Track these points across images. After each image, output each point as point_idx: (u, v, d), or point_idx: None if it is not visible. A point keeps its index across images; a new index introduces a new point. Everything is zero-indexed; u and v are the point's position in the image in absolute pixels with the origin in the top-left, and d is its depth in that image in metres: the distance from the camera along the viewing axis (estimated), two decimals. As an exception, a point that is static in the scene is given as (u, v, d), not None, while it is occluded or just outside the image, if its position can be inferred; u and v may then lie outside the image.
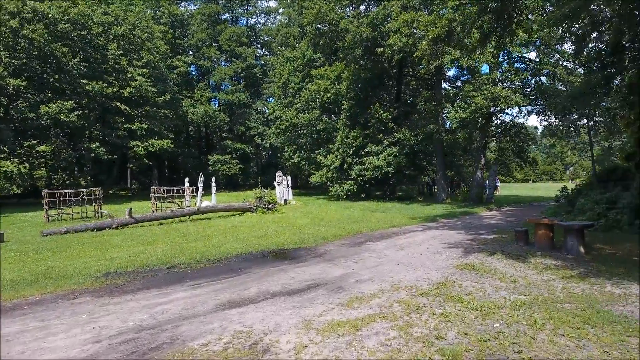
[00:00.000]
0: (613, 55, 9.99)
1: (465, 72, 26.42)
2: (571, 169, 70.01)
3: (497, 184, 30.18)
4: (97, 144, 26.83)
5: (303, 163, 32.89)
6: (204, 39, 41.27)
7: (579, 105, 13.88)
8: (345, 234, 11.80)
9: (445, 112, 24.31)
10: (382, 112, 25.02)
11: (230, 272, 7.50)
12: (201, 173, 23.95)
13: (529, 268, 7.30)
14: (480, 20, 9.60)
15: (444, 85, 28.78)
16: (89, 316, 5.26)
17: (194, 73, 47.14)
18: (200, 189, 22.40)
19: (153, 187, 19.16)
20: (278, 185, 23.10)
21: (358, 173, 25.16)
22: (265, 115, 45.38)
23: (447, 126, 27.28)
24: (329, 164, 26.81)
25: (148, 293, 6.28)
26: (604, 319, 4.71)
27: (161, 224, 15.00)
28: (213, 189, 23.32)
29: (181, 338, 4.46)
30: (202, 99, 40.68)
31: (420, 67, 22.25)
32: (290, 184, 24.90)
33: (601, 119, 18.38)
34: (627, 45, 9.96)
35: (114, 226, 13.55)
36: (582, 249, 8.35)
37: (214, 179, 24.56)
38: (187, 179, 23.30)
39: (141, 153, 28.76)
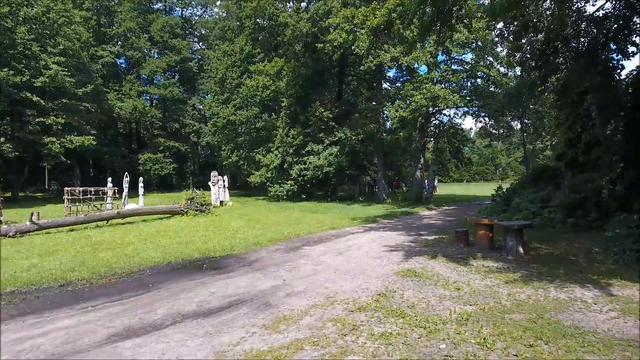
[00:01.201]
0: (547, 55, 10.10)
1: (404, 72, 26.65)
2: (500, 169, 74.69)
3: (435, 183, 30.89)
4: (2, 139, 23.53)
5: (242, 162, 31.49)
6: (133, 28, 38.03)
7: (515, 105, 14.18)
8: (281, 238, 10.90)
9: (386, 111, 24.27)
10: (322, 110, 24.44)
11: (139, 289, 6.30)
12: (127, 173, 21.77)
13: (472, 272, 6.88)
14: (420, 12, 9.19)
15: (385, 85, 28.90)
16: None
17: (123, 65, 43.61)
18: (126, 190, 20.34)
19: (66, 188, 16.93)
20: (213, 185, 21.67)
21: (299, 173, 24.38)
22: (202, 112, 43.08)
23: (388, 126, 27.39)
24: (268, 163, 25.77)
25: (22, 322, 4.95)
26: (556, 331, 4.24)
27: (72, 230, 13.08)
28: (141, 190, 21.34)
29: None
30: (131, 93, 37.49)
31: (361, 66, 21.94)
32: (227, 185, 23.55)
33: (529, 121, 19.10)
34: (559, 45, 10.10)
35: (10, 234, 11.49)
36: (521, 249, 8.16)
37: (141, 179, 22.53)
38: (109, 179, 21.06)
39: (57, 150, 25.64)
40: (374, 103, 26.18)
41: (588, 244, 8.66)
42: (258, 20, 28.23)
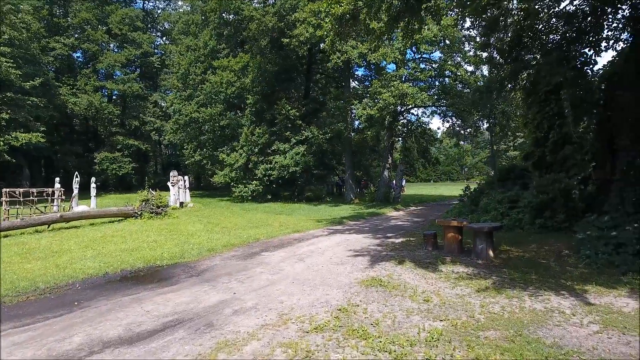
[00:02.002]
0: (516, 51, 9.83)
1: (373, 71, 26.33)
2: (466, 169, 76.27)
3: (403, 183, 30.75)
4: (-64, 135, 21.43)
5: (205, 162, 30.16)
6: (89, 19, 35.76)
7: (484, 102, 13.97)
8: (239, 243, 10.08)
9: (354, 110, 23.82)
10: (289, 108, 23.66)
11: (60, 308, 5.36)
12: (76, 172, 20.25)
13: (441, 279, 6.36)
14: (387, 2, 8.62)
15: (354, 84, 28.50)
16: None
17: (80, 59, 41.01)
18: (75, 190, 18.87)
19: (4, 189, 15.36)
20: (172, 186, 20.43)
21: (264, 173, 23.50)
22: (164, 109, 41.15)
23: (356, 125, 26.97)
24: (232, 162, 24.70)
25: None
26: (538, 352, 3.71)
27: (7, 236, 11.73)
28: (93, 191, 19.87)
29: None
30: (86, 88, 35.18)
31: (329, 62, 21.34)
32: (188, 185, 22.31)
33: (496, 120, 19.12)
34: (528, 42, 9.85)
35: None
36: (491, 253, 7.77)
37: (94, 179, 21.02)
38: (57, 179, 19.50)
39: (0, 148, 23.62)
40: (341, 101, 25.70)
41: (558, 246, 8.37)
42: (223, 14, 27.19)
